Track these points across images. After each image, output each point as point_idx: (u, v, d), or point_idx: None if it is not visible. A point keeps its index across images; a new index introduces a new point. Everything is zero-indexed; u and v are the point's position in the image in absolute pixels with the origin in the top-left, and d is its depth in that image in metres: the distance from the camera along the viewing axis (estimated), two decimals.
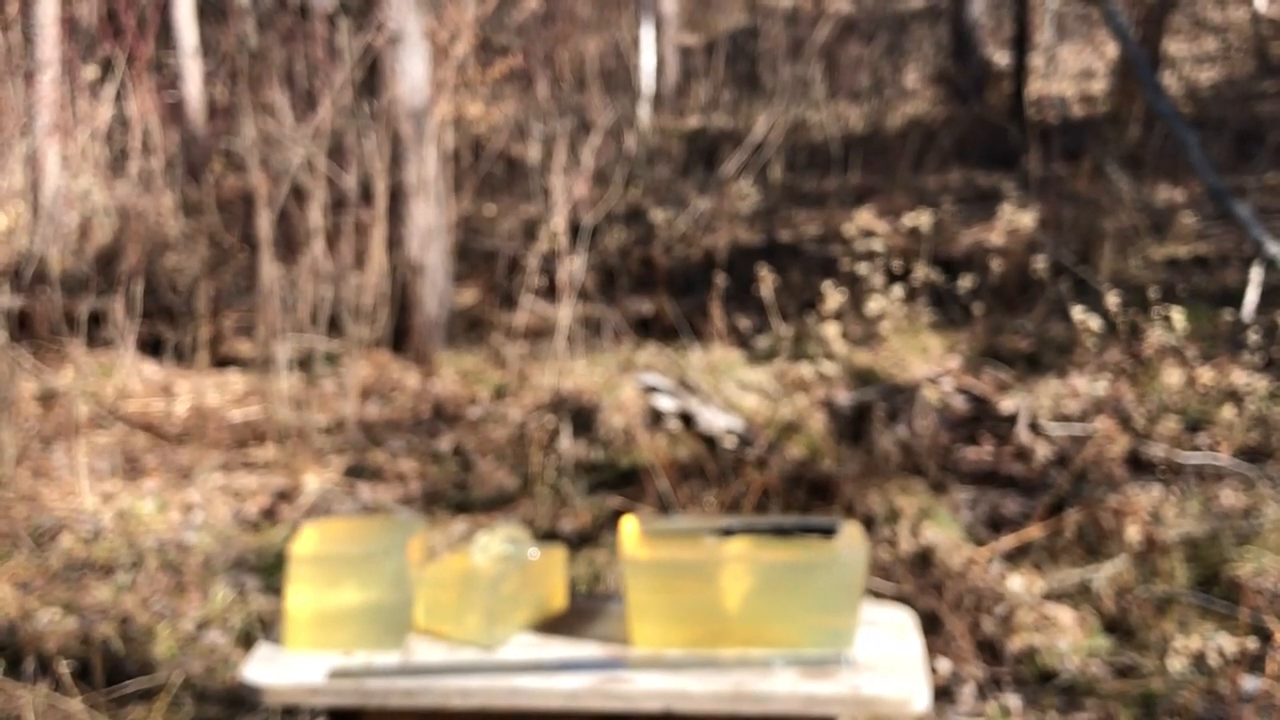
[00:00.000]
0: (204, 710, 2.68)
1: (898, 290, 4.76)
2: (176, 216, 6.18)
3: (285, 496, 3.82)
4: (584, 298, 5.31)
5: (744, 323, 5.12)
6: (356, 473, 3.99)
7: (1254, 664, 2.60)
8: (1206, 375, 4.07)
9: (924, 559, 3.11)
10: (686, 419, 3.89)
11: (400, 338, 5.12)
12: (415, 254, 5.12)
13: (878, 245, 4.85)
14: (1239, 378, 4.02)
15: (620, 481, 3.75)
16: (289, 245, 4.85)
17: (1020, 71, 8.68)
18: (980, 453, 3.90)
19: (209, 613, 3.10)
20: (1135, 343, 4.30)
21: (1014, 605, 2.90)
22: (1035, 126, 7.91)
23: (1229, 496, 3.42)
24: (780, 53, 9.60)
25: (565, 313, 4.80)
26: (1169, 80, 8.79)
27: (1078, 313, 4.31)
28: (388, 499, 3.79)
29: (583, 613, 1.71)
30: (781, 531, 1.63)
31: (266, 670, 1.57)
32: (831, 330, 4.52)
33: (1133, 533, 3.13)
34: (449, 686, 1.53)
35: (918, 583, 3.01)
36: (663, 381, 4.06)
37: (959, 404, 4.19)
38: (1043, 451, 3.78)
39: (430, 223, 5.17)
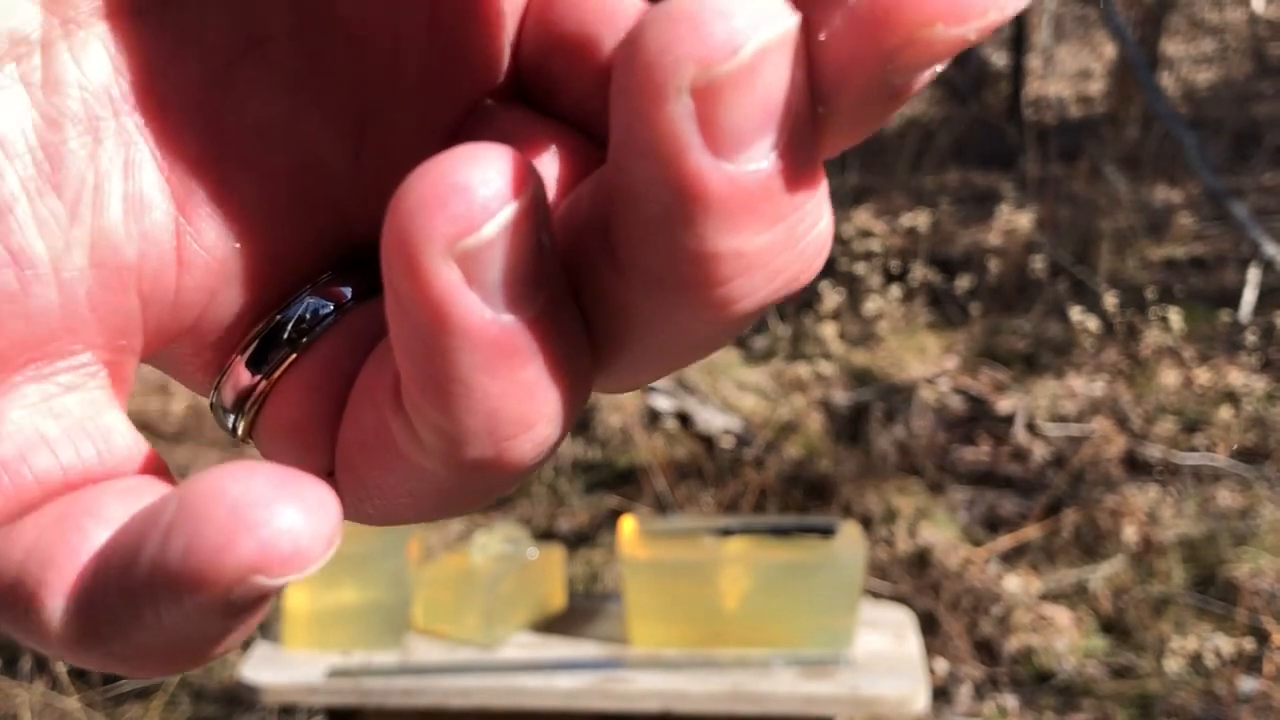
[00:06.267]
0: (201, 709, 2.68)
1: (895, 290, 4.76)
2: None
3: None
4: None
5: None
6: None
7: (1251, 665, 2.60)
8: (1204, 376, 4.07)
9: (921, 559, 3.12)
10: (684, 419, 3.89)
11: None
12: None
13: (875, 245, 4.85)
14: (1236, 378, 4.02)
15: (617, 481, 3.75)
16: None
17: (1018, 72, 8.69)
18: (977, 453, 3.90)
19: None
20: (1132, 343, 4.30)
21: (1011, 606, 2.90)
22: (1033, 127, 7.92)
23: (1226, 497, 3.42)
24: None
25: None
26: (1167, 81, 8.80)
27: (1075, 313, 4.31)
28: None
29: (581, 612, 1.72)
30: (780, 531, 1.63)
31: (264, 669, 1.57)
32: (829, 330, 4.52)
33: (1130, 533, 3.13)
34: (448, 686, 1.53)
35: (915, 583, 3.02)
36: (660, 381, 4.06)
37: (956, 404, 4.20)
38: (1040, 452, 3.78)
39: None
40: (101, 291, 0.24)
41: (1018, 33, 8.62)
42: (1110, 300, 4.25)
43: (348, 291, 0.26)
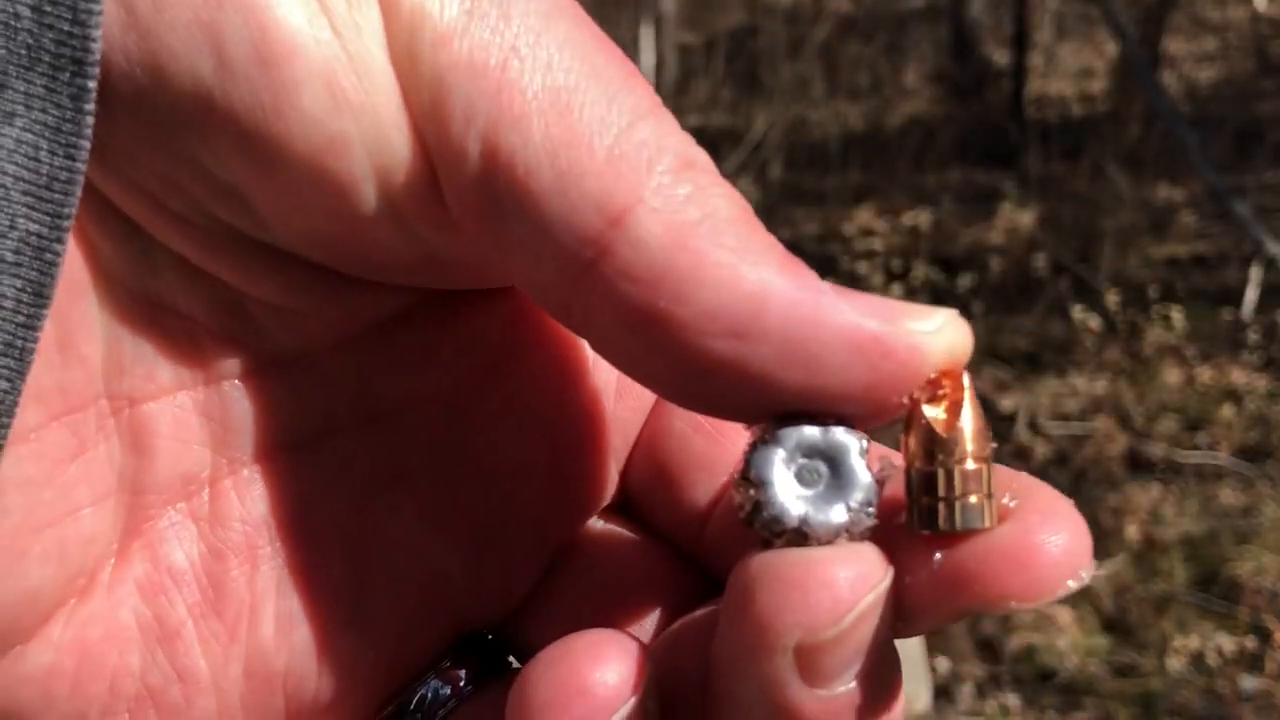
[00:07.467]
0: None
1: (896, 289, 4.76)
2: None
3: None
4: None
5: None
6: None
7: (1252, 663, 2.60)
8: (1206, 374, 4.07)
9: None
10: None
11: None
12: None
13: (877, 244, 4.86)
14: (1238, 377, 4.02)
15: None
16: None
17: (1020, 70, 8.68)
18: None
19: None
20: (1135, 342, 4.30)
21: None
22: (1035, 125, 7.92)
23: (1228, 496, 3.42)
24: (780, 51, 9.61)
25: None
26: (1169, 79, 8.80)
27: (1077, 312, 4.31)
28: None
29: None
30: None
31: None
32: None
33: (1132, 532, 3.13)
34: None
35: None
36: None
37: None
38: (1042, 450, 3.78)
39: None
40: (252, 695, 0.28)
41: (1020, 30, 8.61)
42: (1112, 299, 4.25)
43: (463, 674, 0.30)
